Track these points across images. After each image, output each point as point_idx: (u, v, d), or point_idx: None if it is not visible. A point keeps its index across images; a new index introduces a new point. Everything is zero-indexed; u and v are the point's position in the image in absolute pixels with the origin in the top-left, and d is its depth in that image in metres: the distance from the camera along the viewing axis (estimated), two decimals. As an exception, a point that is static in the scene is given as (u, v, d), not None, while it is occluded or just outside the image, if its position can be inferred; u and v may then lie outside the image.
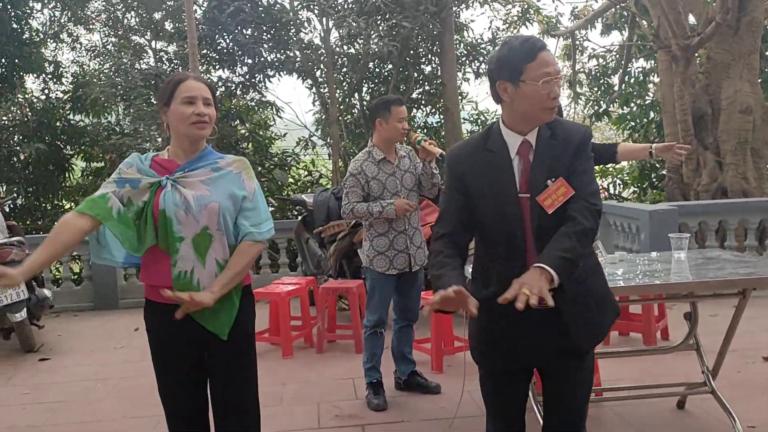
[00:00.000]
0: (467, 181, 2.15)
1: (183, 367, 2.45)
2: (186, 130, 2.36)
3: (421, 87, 11.99)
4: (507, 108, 2.13)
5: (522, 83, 2.03)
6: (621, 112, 13.72)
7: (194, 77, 2.43)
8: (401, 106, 4.02)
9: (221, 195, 2.36)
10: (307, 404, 4.23)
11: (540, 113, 2.07)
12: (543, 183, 2.06)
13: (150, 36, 12.46)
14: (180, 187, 2.34)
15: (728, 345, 3.62)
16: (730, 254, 3.75)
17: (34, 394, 4.74)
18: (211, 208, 2.33)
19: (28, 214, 11.48)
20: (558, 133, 2.11)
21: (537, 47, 2.05)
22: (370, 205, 3.97)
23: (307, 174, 13.06)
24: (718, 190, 8.87)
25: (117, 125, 12.02)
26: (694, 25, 9.88)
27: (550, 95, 2.03)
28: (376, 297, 4.11)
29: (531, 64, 2.02)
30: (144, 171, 2.38)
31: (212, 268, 2.35)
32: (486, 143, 2.15)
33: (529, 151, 2.11)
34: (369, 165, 4.03)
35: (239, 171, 2.44)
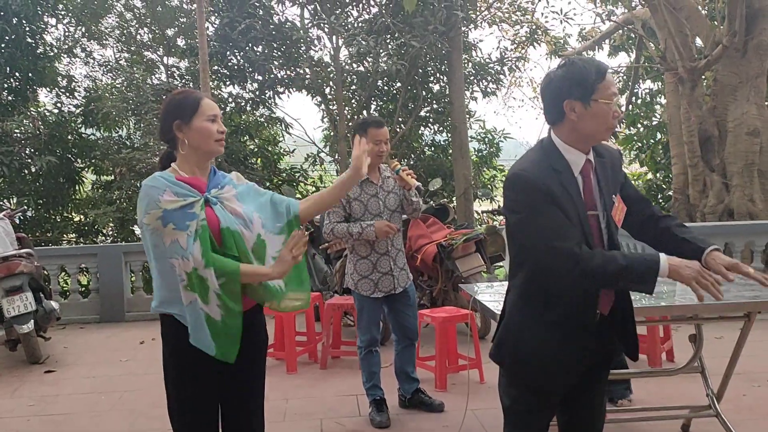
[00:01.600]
0: (554, 200, 2.07)
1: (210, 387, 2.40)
2: (210, 147, 2.39)
3: (429, 105, 12.07)
4: (569, 126, 2.13)
5: (593, 102, 2.07)
6: (628, 132, 13.75)
7: (207, 96, 2.50)
8: (380, 128, 3.95)
9: (253, 209, 2.45)
10: (310, 420, 4.23)
11: (604, 132, 2.14)
12: (611, 199, 2.17)
13: (162, 52, 12.61)
14: (226, 203, 2.38)
15: (733, 368, 3.61)
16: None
17: (39, 405, 4.76)
18: (257, 218, 2.42)
19: (38, 226, 11.55)
20: (602, 153, 2.23)
21: (603, 68, 2.11)
22: (351, 226, 3.96)
23: (315, 190, 13.11)
24: (725, 212, 8.87)
25: (127, 139, 12.13)
26: (701, 48, 9.93)
27: (614, 115, 2.11)
28: (365, 318, 4.12)
29: (602, 84, 2.07)
30: (180, 192, 2.28)
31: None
32: (552, 163, 2.13)
33: (590, 169, 2.17)
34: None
35: (244, 182, 2.56)
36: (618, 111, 2.13)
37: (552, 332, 2.14)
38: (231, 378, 2.43)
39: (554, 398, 2.26)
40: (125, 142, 12.03)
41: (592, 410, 2.32)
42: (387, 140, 4.01)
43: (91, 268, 8.05)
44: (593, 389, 2.30)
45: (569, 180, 2.12)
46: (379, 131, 3.95)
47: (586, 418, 2.32)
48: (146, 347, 6.32)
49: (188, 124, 2.36)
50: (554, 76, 2.14)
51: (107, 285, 7.73)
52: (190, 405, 2.38)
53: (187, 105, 2.38)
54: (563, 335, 2.13)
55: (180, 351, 2.33)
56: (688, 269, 1.96)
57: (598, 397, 2.32)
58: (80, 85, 12.83)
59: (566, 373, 2.19)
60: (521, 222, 2.13)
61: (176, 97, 2.44)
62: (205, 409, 2.41)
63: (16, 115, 10.78)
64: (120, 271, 7.74)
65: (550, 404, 2.27)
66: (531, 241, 2.11)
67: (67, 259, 7.97)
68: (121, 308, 7.71)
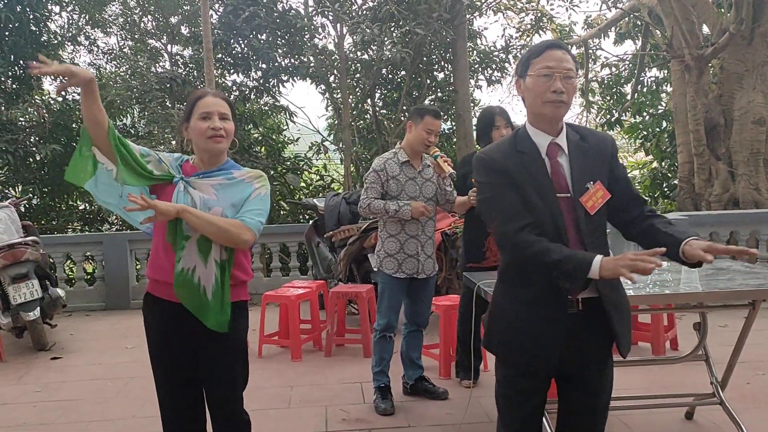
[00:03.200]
0: (514, 180, 2.13)
1: (178, 360, 2.56)
2: (203, 144, 2.50)
3: (434, 94, 12.03)
4: (526, 106, 2.21)
5: (528, 77, 2.14)
6: (633, 121, 13.70)
7: (213, 93, 2.55)
8: (436, 119, 4.03)
9: (226, 202, 2.48)
10: (314, 407, 4.25)
11: (542, 107, 2.12)
12: (584, 185, 2.13)
13: (166, 40, 12.59)
14: (191, 189, 2.48)
15: (738, 356, 3.61)
16: (740, 265, 3.74)
17: (46, 392, 4.79)
18: (214, 211, 2.45)
19: (43, 214, 11.58)
20: (588, 139, 2.20)
21: (546, 45, 2.16)
22: (387, 203, 3.99)
23: (319, 178, 13.13)
24: (730, 201, 8.84)
25: (132, 128, 12.14)
26: (708, 35, 9.86)
27: (551, 88, 2.08)
28: (386, 301, 4.13)
29: (536, 59, 2.13)
30: (172, 166, 2.53)
31: (212, 268, 2.45)
32: (516, 145, 2.18)
33: (558, 152, 2.16)
34: (392, 164, 4.07)
35: (251, 181, 2.56)
36: (556, 85, 2.08)
37: (531, 312, 2.15)
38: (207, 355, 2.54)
39: (542, 380, 2.24)
40: (129, 130, 12.03)
41: (587, 396, 2.24)
42: (438, 133, 4.09)
43: (96, 256, 8.08)
44: (587, 374, 2.23)
45: (534, 161, 2.14)
46: (434, 121, 4.03)
47: (582, 404, 2.26)
48: (151, 335, 6.34)
49: (189, 123, 2.52)
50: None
51: (112, 273, 7.76)
52: (165, 373, 2.59)
53: (188, 106, 2.54)
54: (541, 315, 2.12)
55: (155, 321, 2.58)
56: (618, 261, 1.92)
57: (593, 382, 2.23)
58: (84, 73, 12.81)
59: (547, 353, 2.15)
60: (483, 203, 2.25)
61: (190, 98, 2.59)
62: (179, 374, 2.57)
63: (21, 103, 10.78)
64: (125, 259, 7.77)
65: (539, 386, 2.24)
66: (490, 222, 2.21)
67: (73, 247, 8.00)
68: (127, 296, 7.75)
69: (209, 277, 2.45)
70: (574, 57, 2.20)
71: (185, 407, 2.60)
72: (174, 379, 2.58)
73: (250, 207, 2.49)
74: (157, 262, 2.52)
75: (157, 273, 2.52)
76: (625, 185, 2.24)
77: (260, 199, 2.53)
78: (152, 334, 2.60)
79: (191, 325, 2.47)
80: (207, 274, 2.45)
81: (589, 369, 2.22)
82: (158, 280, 2.52)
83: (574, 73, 2.14)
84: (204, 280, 2.45)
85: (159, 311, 2.55)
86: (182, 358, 2.55)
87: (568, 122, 2.24)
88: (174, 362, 2.56)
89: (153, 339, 2.60)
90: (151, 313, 2.60)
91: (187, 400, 2.60)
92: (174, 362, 2.56)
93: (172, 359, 2.56)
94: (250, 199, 2.51)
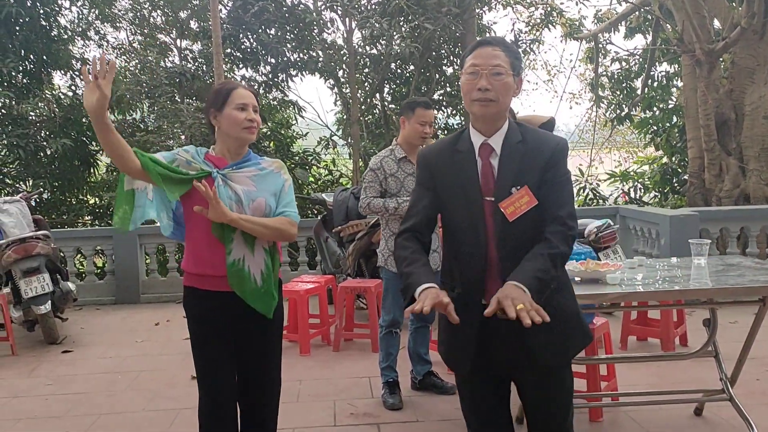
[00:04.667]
0: (436, 178, 2.15)
1: (221, 350, 2.65)
2: (238, 134, 2.59)
3: (443, 89, 12.01)
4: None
5: (462, 76, 2.11)
6: (643, 116, 13.60)
7: (244, 86, 2.65)
8: (426, 110, 4.02)
9: (267, 192, 2.62)
10: (323, 402, 4.27)
11: (471, 105, 2.08)
12: (508, 190, 2.02)
13: (175, 34, 12.60)
14: (230, 182, 2.58)
15: (747, 352, 3.60)
16: (751, 261, 3.72)
17: (57, 385, 4.84)
18: (258, 202, 2.58)
19: (53, 208, 11.64)
20: (528, 140, 2.07)
21: (478, 42, 2.12)
22: (387, 201, 4.00)
23: (328, 173, 13.11)
24: (741, 197, 8.79)
25: (141, 122, 12.16)
26: (719, 30, 9.79)
27: (476, 86, 2.04)
28: (391, 297, 4.14)
29: (468, 57, 2.10)
30: (198, 160, 2.62)
31: (260, 256, 2.60)
32: (457, 143, 2.15)
33: (490, 153, 2.08)
34: (389, 162, 4.07)
35: (279, 170, 2.71)
36: (481, 83, 2.02)
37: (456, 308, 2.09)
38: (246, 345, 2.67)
39: (475, 376, 2.17)
40: (139, 125, 12.06)
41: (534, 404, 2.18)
42: (432, 123, 4.07)
43: (106, 251, 8.12)
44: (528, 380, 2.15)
45: (467, 162, 2.10)
46: (425, 112, 4.01)
47: (532, 406, 2.20)
48: (161, 329, 6.39)
49: (221, 112, 2.58)
50: None
51: (122, 267, 7.80)
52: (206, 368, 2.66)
53: (221, 94, 2.61)
54: (460, 313, 2.02)
55: (198, 314, 2.65)
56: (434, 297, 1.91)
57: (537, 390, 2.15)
58: (94, 68, 12.85)
59: (467, 352, 2.10)
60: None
61: (215, 87, 2.70)
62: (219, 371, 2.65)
63: (32, 97, 10.82)
64: (135, 254, 7.81)
65: (488, 391, 2.19)
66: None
67: (83, 241, 8.05)
68: (137, 290, 7.79)
69: (259, 265, 2.59)
70: (514, 53, 2.09)
71: (226, 395, 2.68)
72: (217, 369, 2.66)
73: (288, 200, 2.66)
74: (200, 258, 2.61)
75: (201, 268, 2.61)
76: (547, 194, 2.03)
77: (291, 190, 2.71)
78: (196, 326, 2.68)
79: (235, 314, 2.59)
80: (256, 262, 2.58)
81: (530, 373, 2.13)
82: (203, 275, 2.60)
83: (504, 69, 2.04)
84: (254, 269, 2.58)
85: (204, 303, 2.63)
86: (225, 347, 2.65)
87: (521, 122, 2.17)
88: (218, 352, 2.65)
89: (197, 331, 2.68)
90: (195, 306, 2.67)
91: (228, 390, 2.68)
92: (218, 352, 2.65)
93: (216, 349, 2.65)
94: (284, 191, 2.67)
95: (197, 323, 2.67)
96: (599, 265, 3.24)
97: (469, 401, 2.23)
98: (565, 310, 2.12)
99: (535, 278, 1.93)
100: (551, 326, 1.97)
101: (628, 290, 3.09)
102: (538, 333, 1.97)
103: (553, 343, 2.07)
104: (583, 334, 2.19)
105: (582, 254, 3.74)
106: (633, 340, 5.36)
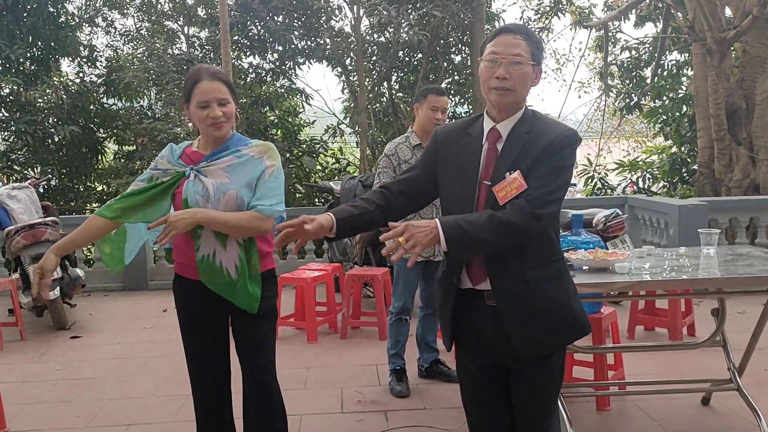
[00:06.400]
0: (439, 156, 2.16)
1: (207, 337, 2.65)
2: (204, 130, 2.52)
3: (451, 77, 11.96)
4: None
5: (481, 63, 2.09)
6: (653, 105, 13.51)
7: (208, 76, 2.45)
8: (439, 96, 4.02)
9: (240, 182, 2.47)
10: (330, 389, 4.28)
11: (488, 93, 2.06)
12: (502, 174, 2.01)
13: (183, 21, 12.59)
14: (202, 177, 2.49)
15: (756, 342, 3.59)
16: (760, 251, 3.70)
17: (66, 370, 4.87)
18: (229, 195, 2.45)
19: (61, 195, 11.69)
20: (535, 129, 2.05)
21: (499, 30, 2.09)
22: None
23: (335, 161, 13.11)
24: (750, 186, 8.72)
25: (149, 109, 12.18)
26: (730, 18, 9.68)
27: (494, 74, 2.01)
28: (401, 283, 4.14)
29: (489, 44, 2.07)
30: (173, 162, 2.57)
31: (234, 251, 2.49)
32: (469, 127, 2.15)
33: (497, 139, 2.07)
34: (403, 148, 4.07)
35: (261, 156, 2.52)
36: (500, 71, 2.00)
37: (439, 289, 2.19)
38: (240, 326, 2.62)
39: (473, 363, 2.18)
40: (147, 112, 12.08)
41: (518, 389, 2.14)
42: (445, 109, 4.05)
43: (114, 237, 8.13)
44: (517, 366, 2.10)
45: (473, 145, 2.10)
46: (438, 98, 4.02)
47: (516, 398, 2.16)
48: (169, 315, 6.41)
49: (188, 107, 2.52)
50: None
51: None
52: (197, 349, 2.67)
53: (186, 87, 2.50)
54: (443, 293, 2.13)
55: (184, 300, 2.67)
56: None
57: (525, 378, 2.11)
58: (102, 55, 12.87)
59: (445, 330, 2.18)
60: None
61: (187, 76, 2.55)
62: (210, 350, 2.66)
63: (39, 84, 10.85)
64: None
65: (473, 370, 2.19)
66: None
67: (91, 228, 8.05)
68: (144, 277, 7.82)
69: (232, 259, 2.48)
70: (535, 42, 2.06)
71: (213, 380, 2.68)
72: (203, 354, 2.66)
73: (264, 191, 2.48)
74: (178, 248, 2.60)
75: (180, 257, 2.61)
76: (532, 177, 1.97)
77: (274, 177, 2.51)
78: (182, 312, 2.68)
79: (220, 302, 2.54)
80: (228, 256, 2.48)
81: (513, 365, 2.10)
82: (182, 263, 2.61)
83: (524, 59, 2.01)
84: (226, 262, 2.49)
85: (187, 290, 2.62)
86: (211, 334, 2.64)
87: (538, 112, 2.14)
88: (203, 338, 2.65)
89: (183, 317, 2.68)
90: (179, 292, 2.67)
91: (216, 374, 2.68)
92: (203, 338, 2.65)
93: (202, 336, 2.65)
94: (264, 179, 2.49)
95: (180, 309, 2.68)
96: (607, 254, 3.22)
97: (468, 388, 2.24)
98: (551, 302, 2.04)
99: (460, 227, 1.89)
100: (532, 317, 1.99)
101: (636, 279, 3.07)
102: (517, 323, 2.00)
103: (532, 334, 2.02)
104: (574, 327, 2.09)
105: (590, 243, 3.73)
106: (640, 330, 5.35)
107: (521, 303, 2.00)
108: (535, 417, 2.14)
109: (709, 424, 3.62)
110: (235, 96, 2.55)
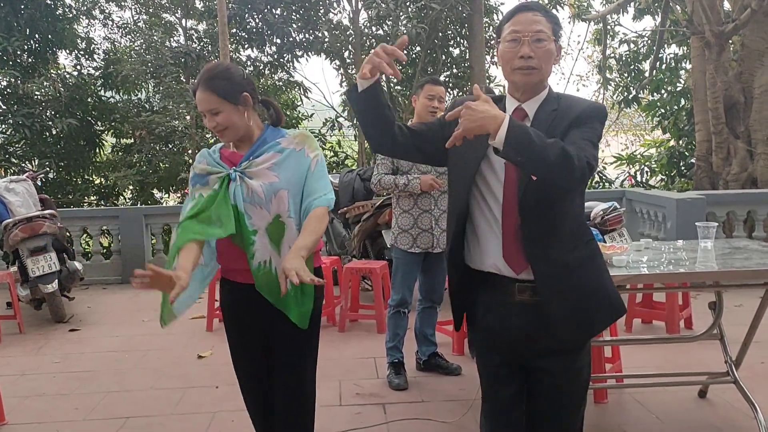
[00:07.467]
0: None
1: (251, 338, 2.55)
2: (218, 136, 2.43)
3: (449, 70, 11.94)
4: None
5: (501, 44, 1.99)
6: (651, 98, 13.52)
7: (202, 84, 2.32)
8: (435, 85, 4.03)
9: (290, 181, 2.34)
10: (328, 382, 4.28)
11: (512, 74, 1.97)
12: None
13: (181, 14, 12.55)
14: (247, 179, 2.33)
15: (753, 335, 3.59)
16: (757, 244, 3.71)
17: (64, 363, 4.87)
18: (280, 196, 2.32)
19: (59, 187, 11.69)
20: (561, 105, 1.98)
21: (517, 8, 2.00)
22: (397, 178, 4.02)
23: (333, 155, 13.11)
24: (748, 180, 8.74)
25: (147, 102, 12.16)
26: (729, 12, 9.67)
27: (518, 54, 1.93)
28: (400, 276, 4.15)
29: (507, 24, 1.98)
30: (213, 164, 2.40)
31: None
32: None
33: (523, 118, 1.98)
34: None
35: (302, 147, 2.40)
36: (523, 50, 1.91)
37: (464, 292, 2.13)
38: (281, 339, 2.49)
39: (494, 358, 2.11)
40: (144, 105, 12.06)
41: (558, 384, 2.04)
42: (441, 98, 4.03)
43: (112, 230, 8.14)
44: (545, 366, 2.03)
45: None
46: (434, 87, 4.02)
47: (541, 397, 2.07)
48: (167, 308, 6.41)
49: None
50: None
51: (129, 247, 7.83)
52: (242, 352, 2.59)
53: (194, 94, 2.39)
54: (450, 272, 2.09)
55: (230, 304, 2.56)
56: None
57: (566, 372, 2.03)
58: (99, 48, 12.85)
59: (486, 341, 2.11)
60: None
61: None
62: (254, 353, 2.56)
63: (37, 77, 10.82)
64: (141, 234, 7.83)
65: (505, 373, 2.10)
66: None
67: (89, 221, 8.07)
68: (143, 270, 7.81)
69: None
70: (554, 18, 1.99)
71: (259, 377, 2.60)
72: (251, 356, 2.57)
73: (315, 184, 2.36)
74: (228, 255, 2.44)
75: (229, 263, 2.46)
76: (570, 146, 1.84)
77: (320, 168, 2.40)
78: (228, 315, 2.59)
79: (264, 304, 2.40)
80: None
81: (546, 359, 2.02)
82: (230, 269, 2.47)
83: (546, 35, 1.93)
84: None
85: (233, 293, 2.51)
86: (255, 335, 2.53)
87: (561, 93, 2.08)
88: (248, 339, 2.55)
89: (228, 319, 2.59)
90: (225, 295, 2.57)
91: (261, 372, 2.58)
92: (248, 339, 2.55)
93: (246, 337, 2.55)
94: (311, 172, 2.37)
95: (227, 311, 2.58)
96: (605, 248, 3.23)
97: (488, 384, 2.16)
98: (590, 284, 2.00)
99: (527, 130, 1.76)
100: (575, 303, 1.93)
101: (634, 272, 3.08)
102: (561, 311, 1.93)
103: (577, 319, 1.97)
104: (611, 308, 2.05)
105: (588, 236, 3.73)
106: (638, 323, 5.36)
107: (565, 290, 1.94)
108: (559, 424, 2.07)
109: (706, 416, 3.64)
110: (236, 96, 2.33)
